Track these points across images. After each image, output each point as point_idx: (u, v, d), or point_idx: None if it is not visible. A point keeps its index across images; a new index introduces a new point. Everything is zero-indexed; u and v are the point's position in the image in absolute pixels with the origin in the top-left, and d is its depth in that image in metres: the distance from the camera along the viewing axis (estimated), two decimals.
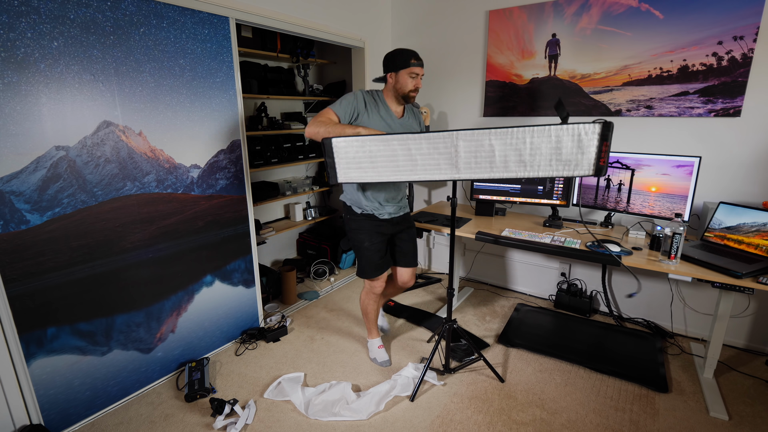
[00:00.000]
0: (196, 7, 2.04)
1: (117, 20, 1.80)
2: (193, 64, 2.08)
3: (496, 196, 2.77)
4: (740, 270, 1.81)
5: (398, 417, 1.95)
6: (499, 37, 2.91)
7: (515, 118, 2.98)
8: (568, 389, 2.12)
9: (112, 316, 1.96)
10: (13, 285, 1.64)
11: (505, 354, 2.43)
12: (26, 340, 1.70)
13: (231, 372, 2.28)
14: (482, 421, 1.92)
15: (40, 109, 1.63)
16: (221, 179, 2.32)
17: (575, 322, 2.76)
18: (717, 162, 2.38)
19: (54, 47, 1.63)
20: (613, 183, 2.44)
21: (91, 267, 1.86)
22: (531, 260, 3.15)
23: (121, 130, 1.88)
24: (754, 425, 1.90)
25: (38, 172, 1.66)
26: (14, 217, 1.62)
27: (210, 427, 1.88)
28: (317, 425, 1.90)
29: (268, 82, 3.14)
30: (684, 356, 2.42)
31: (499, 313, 2.92)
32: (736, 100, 2.26)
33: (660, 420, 1.92)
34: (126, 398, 2.06)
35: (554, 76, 2.76)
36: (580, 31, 2.61)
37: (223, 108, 2.26)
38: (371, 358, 2.38)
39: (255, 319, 2.66)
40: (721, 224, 2.15)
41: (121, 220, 1.93)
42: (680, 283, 2.59)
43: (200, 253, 2.28)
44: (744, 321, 2.46)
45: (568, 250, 2.17)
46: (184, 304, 2.25)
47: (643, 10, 2.40)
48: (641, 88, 2.51)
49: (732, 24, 2.19)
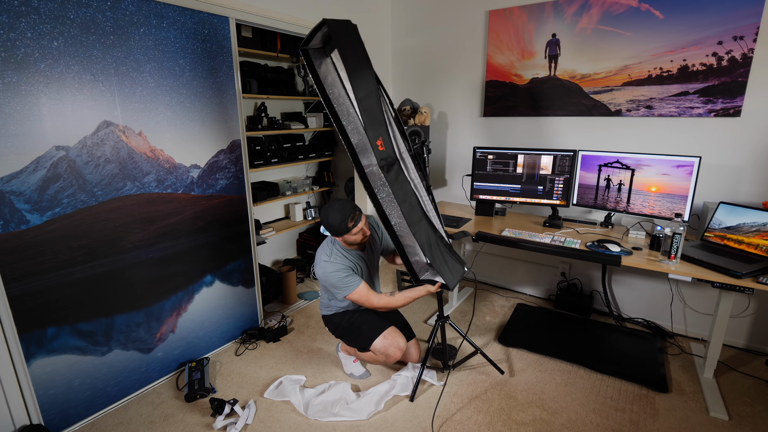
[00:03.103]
0: (196, 7, 2.04)
1: (117, 20, 1.80)
2: (193, 64, 2.08)
3: (496, 196, 2.77)
4: (740, 270, 1.81)
5: (398, 417, 1.95)
6: (499, 37, 2.91)
7: (515, 118, 2.98)
8: (568, 389, 2.13)
9: (112, 316, 1.96)
10: (13, 285, 1.64)
11: (505, 354, 2.43)
12: (26, 340, 1.70)
13: (231, 372, 2.28)
14: (482, 421, 1.92)
15: (40, 109, 1.63)
16: (221, 179, 2.32)
17: (575, 322, 2.76)
18: (717, 162, 2.38)
19: (54, 47, 1.63)
20: (613, 183, 2.44)
21: (91, 267, 1.86)
22: (531, 260, 3.15)
23: (121, 130, 1.88)
24: (754, 425, 1.90)
25: (38, 172, 1.67)
26: (14, 217, 1.62)
27: (210, 427, 1.88)
28: (317, 425, 1.90)
29: (268, 82, 3.13)
30: (684, 356, 2.42)
31: (499, 313, 2.92)
32: (736, 100, 2.26)
33: (660, 420, 1.92)
34: (126, 398, 2.06)
35: (554, 76, 2.76)
36: (580, 31, 2.61)
37: (223, 108, 2.26)
38: (347, 373, 2.24)
39: (255, 319, 2.66)
40: (721, 224, 2.15)
41: (121, 220, 1.93)
42: (680, 283, 2.59)
43: (200, 253, 2.28)
44: (744, 321, 2.46)
45: (568, 250, 2.17)
46: (184, 304, 2.25)
47: (643, 10, 2.40)
48: (641, 88, 2.51)
49: (732, 24, 2.19)
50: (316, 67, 1.80)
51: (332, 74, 1.83)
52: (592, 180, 2.50)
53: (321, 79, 1.81)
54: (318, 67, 1.80)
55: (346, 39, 1.69)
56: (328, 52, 1.80)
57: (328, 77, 1.83)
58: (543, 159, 2.61)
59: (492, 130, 3.12)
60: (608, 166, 2.44)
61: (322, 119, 3.60)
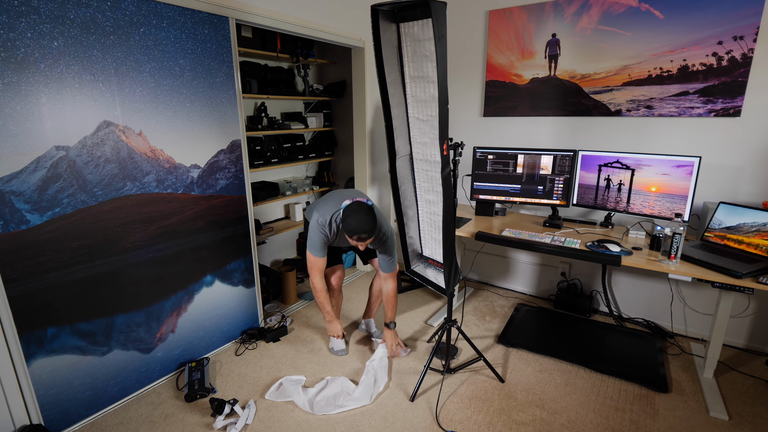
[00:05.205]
0: (196, 7, 2.04)
1: (117, 20, 1.79)
2: (193, 64, 2.08)
3: (496, 196, 2.77)
4: (740, 270, 1.81)
5: (398, 417, 1.95)
6: (499, 37, 2.91)
7: (515, 118, 2.98)
8: (568, 389, 2.13)
9: (112, 316, 1.96)
10: (13, 285, 1.64)
11: (505, 354, 2.43)
12: (26, 340, 1.70)
13: (231, 372, 2.28)
14: (482, 421, 1.92)
15: (40, 109, 1.63)
16: (221, 179, 2.32)
17: (575, 322, 2.76)
18: (717, 162, 2.38)
19: (54, 47, 1.63)
20: (613, 183, 2.44)
21: (91, 267, 1.86)
22: (531, 260, 3.15)
23: (121, 130, 1.88)
24: (754, 425, 1.90)
25: (38, 172, 1.66)
26: (14, 217, 1.62)
27: (210, 427, 1.88)
28: (317, 425, 1.90)
29: (268, 82, 3.14)
30: (684, 356, 2.42)
31: (499, 313, 2.92)
32: (736, 100, 2.26)
33: (660, 420, 1.92)
34: (126, 398, 2.06)
35: (554, 76, 2.76)
36: (580, 31, 2.61)
37: (223, 108, 2.26)
38: (330, 347, 2.47)
39: (255, 319, 2.66)
40: (721, 224, 2.15)
41: (121, 220, 1.93)
42: (680, 283, 2.59)
43: (200, 253, 2.28)
44: (744, 321, 2.46)
45: (568, 250, 2.17)
46: (184, 304, 2.25)
47: (643, 10, 2.40)
48: (641, 88, 2.51)
49: (732, 24, 2.19)
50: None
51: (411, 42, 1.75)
52: (592, 180, 2.50)
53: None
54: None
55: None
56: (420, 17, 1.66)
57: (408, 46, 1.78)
58: (543, 159, 2.61)
59: (492, 130, 3.12)
60: (608, 166, 2.44)
61: (321, 119, 3.61)
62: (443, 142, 1.66)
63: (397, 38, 1.77)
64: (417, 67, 1.72)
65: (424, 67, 1.69)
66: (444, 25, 1.54)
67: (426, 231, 2.13)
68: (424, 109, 1.79)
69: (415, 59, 1.72)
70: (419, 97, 1.79)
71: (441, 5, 1.51)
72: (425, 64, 1.68)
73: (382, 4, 1.67)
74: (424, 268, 2.18)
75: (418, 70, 1.73)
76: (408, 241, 2.13)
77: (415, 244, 2.17)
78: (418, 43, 1.67)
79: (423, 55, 1.67)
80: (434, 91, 1.67)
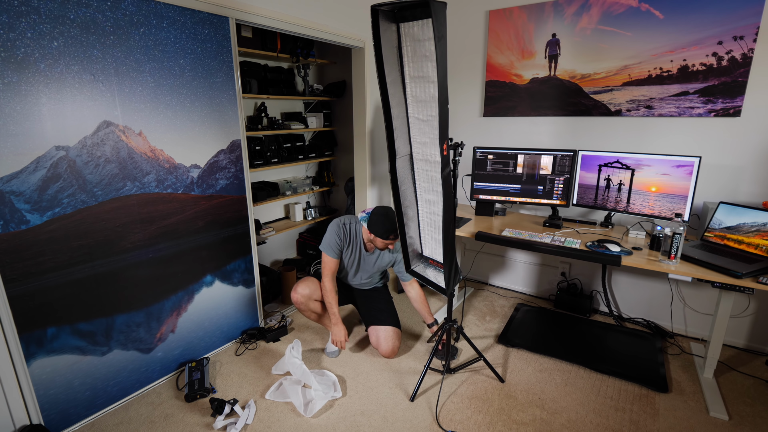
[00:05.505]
0: (196, 7, 2.04)
1: (117, 20, 1.79)
2: (193, 64, 2.08)
3: (496, 196, 2.77)
4: (740, 270, 1.81)
5: (398, 417, 1.95)
6: (499, 37, 2.91)
7: (515, 118, 2.98)
8: (568, 389, 2.13)
9: (112, 316, 1.96)
10: (13, 285, 1.64)
11: (505, 354, 2.43)
12: (26, 340, 1.70)
13: (231, 372, 2.28)
14: (482, 421, 1.92)
15: (40, 109, 1.63)
16: (221, 179, 2.32)
17: (575, 322, 2.76)
18: (717, 162, 2.38)
19: (54, 47, 1.63)
20: (613, 183, 2.44)
21: (91, 267, 1.86)
22: (531, 260, 3.15)
23: (121, 130, 1.88)
24: (754, 425, 1.90)
25: (38, 172, 1.66)
26: (14, 217, 1.62)
27: (210, 427, 1.88)
28: (317, 425, 1.90)
29: (268, 82, 3.13)
30: (684, 356, 2.42)
31: (499, 313, 2.92)
32: (736, 100, 2.26)
33: (660, 420, 1.92)
34: (126, 398, 2.06)
35: (554, 76, 2.76)
36: (580, 31, 2.61)
37: (223, 108, 2.26)
38: (325, 348, 2.50)
39: (255, 319, 2.66)
40: (721, 224, 2.15)
41: (121, 220, 1.93)
42: (680, 283, 2.59)
43: (200, 253, 2.28)
44: (744, 321, 2.46)
45: (568, 250, 2.17)
46: (184, 304, 2.25)
47: (643, 10, 2.40)
48: (641, 88, 2.51)
49: (732, 24, 2.19)
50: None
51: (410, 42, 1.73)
52: (592, 180, 2.51)
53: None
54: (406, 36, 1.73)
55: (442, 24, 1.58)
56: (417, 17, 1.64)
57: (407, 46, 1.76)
58: (543, 159, 2.61)
59: (492, 130, 3.12)
60: (608, 166, 2.44)
61: (321, 119, 3.61)
62: (443, 142, 1.66)
63: (397, 38, 1.77)
64: (417, 67, 1.72)
65: (424, 67, 1.69)
66: (444, 25, 1.55)
67: (426, 231, 2.13)
68: (424, 109, 1.79)
69: (415, 59, 1.71)
70: (419, 97, 1.79)
71: (441, 5, 1.51)
72: (425, 64, 1.68)
73: (382, 4, 1.67)
74: (424, 268, 2.19)
75: (418, 70, 1.73)
76: (408, 241, 2.14)
77: (415, 244, 2.18)
78: (418, 43, 1.67)
79: (423, 55, 1.67)
80: (434, 91, 1.67)
